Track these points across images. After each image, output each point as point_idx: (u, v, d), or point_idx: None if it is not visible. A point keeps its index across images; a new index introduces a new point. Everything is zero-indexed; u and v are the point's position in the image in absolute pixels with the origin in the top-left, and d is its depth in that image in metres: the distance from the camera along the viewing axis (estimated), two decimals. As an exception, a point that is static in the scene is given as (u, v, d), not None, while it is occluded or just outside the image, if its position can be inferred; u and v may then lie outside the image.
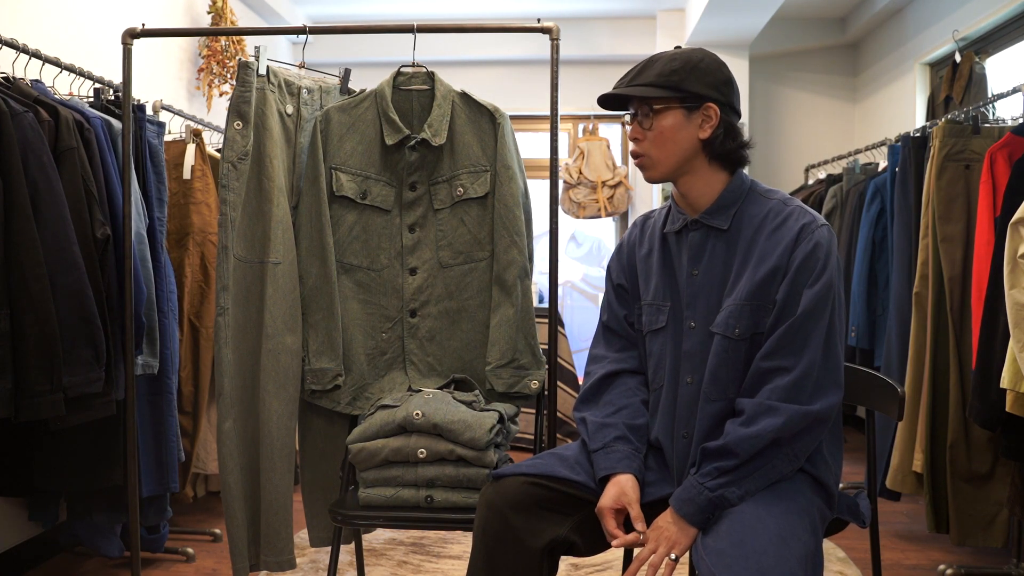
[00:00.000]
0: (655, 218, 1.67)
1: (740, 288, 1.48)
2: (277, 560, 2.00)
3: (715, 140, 1.51)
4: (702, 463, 1.42)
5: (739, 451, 1.38)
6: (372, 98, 2.06)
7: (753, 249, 1.49)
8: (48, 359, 1.89)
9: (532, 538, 1.43)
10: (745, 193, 1.54)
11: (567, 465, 1.51)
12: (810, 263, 1.43)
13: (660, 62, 1.51)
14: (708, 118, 1.50)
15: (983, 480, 2.53)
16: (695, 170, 1.53)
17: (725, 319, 1.48)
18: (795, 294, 1.43)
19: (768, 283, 1.45)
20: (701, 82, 1.49)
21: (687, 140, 1.51)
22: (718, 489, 1.38)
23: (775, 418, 1.38)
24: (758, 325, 1.46)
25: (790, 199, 1.53)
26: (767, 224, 1.49)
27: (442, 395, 1.87)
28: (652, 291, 1.60)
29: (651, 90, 1.49)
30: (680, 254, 1.57)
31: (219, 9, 3.74)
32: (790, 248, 1.45)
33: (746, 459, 1.38)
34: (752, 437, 1.38)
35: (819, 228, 1.46)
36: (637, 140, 1.55)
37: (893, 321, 2.94)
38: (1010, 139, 2.41)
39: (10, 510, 2.49)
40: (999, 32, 3.64)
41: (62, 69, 2.36)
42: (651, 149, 1.52)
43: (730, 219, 1.52)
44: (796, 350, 1.41)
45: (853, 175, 3.69)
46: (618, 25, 5.04)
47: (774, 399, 1.40)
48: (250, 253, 1.99)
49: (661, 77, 1.49)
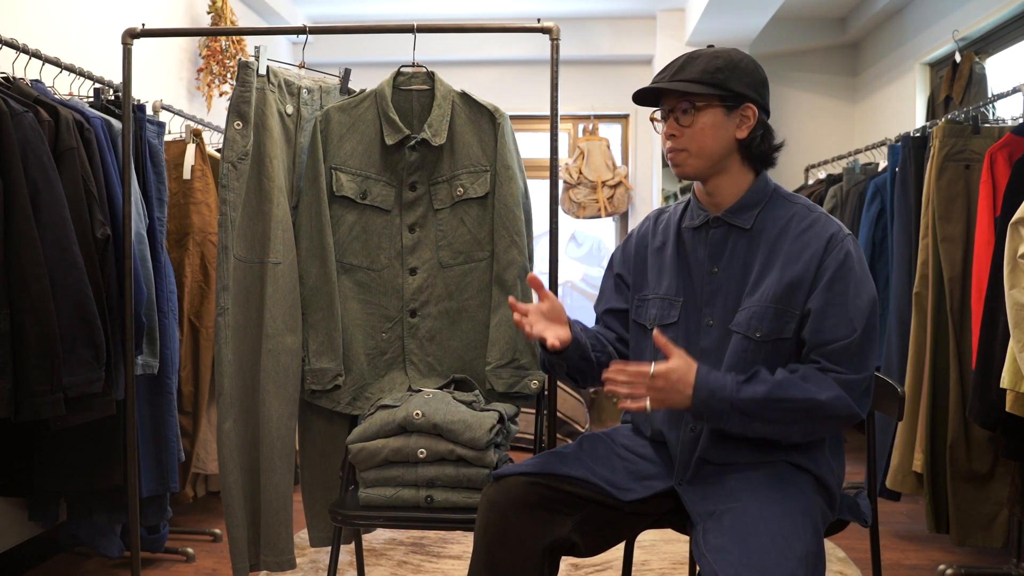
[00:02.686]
0: (670, 212, 1.68)
1: (765, 290, 1.48)
2: (277, 560, 2.00)
3: (752, 141, 1.52)
4: (751, 379, 1.41)
5: (786, 388, 1.39)
6: (372, 98, 2.06)
7: (777, 251, 1.50)
8: (48, 359, 1.89)
9: (533, 538, 1.43)
10: (769, 195, 1.56)
11: (567, 463, 1.51)
12: (850, 276, 1.45)
13: (703, 59, 1.51)
14: (746, 118, 1.52)
15: (983, 480, 2.53)
16: (727, 169, 1.54)
17: (747, 319, 1.49)
18: (839, 307, 1.44)
19: (795, 289, 1.46)
20: (742, 82, 1.50)
21: (725, 139, 1.52)
22: (739, 397, 1.39)
23: (830, 389, 1.40)
24: (782, 330, 1.47)
25: (814, 206, 1.55)
26: (791, 228, 1.50)
27: (442, 395, 1.87)
28: (665, 285, 1.60)
29: (695, 86, 1.49)
30: (697, 250, 1.57)
31: (219, 9, 3.74)
32: (819, 256, 1.46)
33: (782, 398, 1.40)
34: (801, 388, 1.39)
35: (846, 238, 1.48)
36: (674, 136, 1.53)
37: (893, 321, 2.94)
38: (1010, 139, 2.41)
39: (10, 510, 2.49)
40: (999, 32, 3.64)
41: (62, 69, 2.36)
42: (690, 145, 1.52)
43: (753, 219, 1.53)
44: (859, 367, 1.43)
45: (853, 175, 3.69)
46: (618, 25, 5.04)
47: (830, 379, 1.42)
48: (250, 253, 1.99)
49: (706, 74, 1.49)
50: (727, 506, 1.40)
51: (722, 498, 1.43)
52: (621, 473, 1.53)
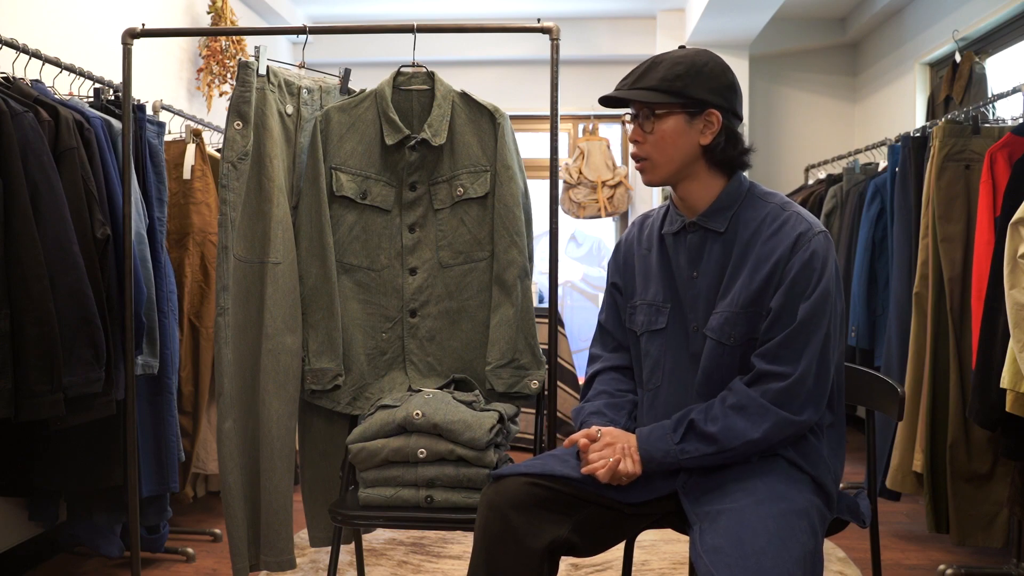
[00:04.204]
0: (653, 217, 1.67)
1: (735, 294, 1.48)
2: (277, 560, 2.00)
3: (716, 147, 1.50)
4: (686, 435, 1.45)
5: (722, 440, 1.43)
6: (372, 98, 2.06)
7: (749, 253, 1.49)
8: (48, 359, 1.89)
9: (533, 538, 1.43)
10: (743, 196, 1.54)
11: (568, 465, 1.51)
12: (806, 273, 1.44)
13: (664, 65, 1.50)
14: (710, 124, 1.50)
15: (983, 480, 2.53)
16: (695, 175, 1.53)
17: (720, 324, 1.49)
18: (792, 303, 1.44)
19: (763, 291, 1.46)
20: (704, 87, 1.48)
21: (688, 145, 1.50)
22: (684, 458, 1.44)
23: (763, 420, 1.42)
24: (753, 332, 1.48)
25: (788, 203, 1.53)
26: (764, 229, 1.49)
27: (442, 395, 1.87)
28: (652, 292, 1.61)
29: (653, 95, 1.48)
30: (678, 255, 1.57)
31: (219, 9, 3.74)
32: (786, 256, 1.45)
33: (724, 449, 1.43)
34: (737, 431, 1.42)
35: (816, 236, 1.46)
36: (638, 142, 1.54)
37: (893, 321, 2.94)
38: (1010, 139, 2.41)
39: (10, 510, 2.49)
40: (999, 32, 3.64)
41: (62, 69, 2.36)
42: (652, 152, 1.52)
43: (727, 221, 1.52)
44: (793, 359, 1.43)
45: (853, 175, 3.69)
46: (618, 25, 5.04)
47: (767, 399, 1.43)
48: (250, 253, 1.99)
49: (664, 82, 1.48)
50: (724, 506, 1.40)
51: (719, 498, 1.43)
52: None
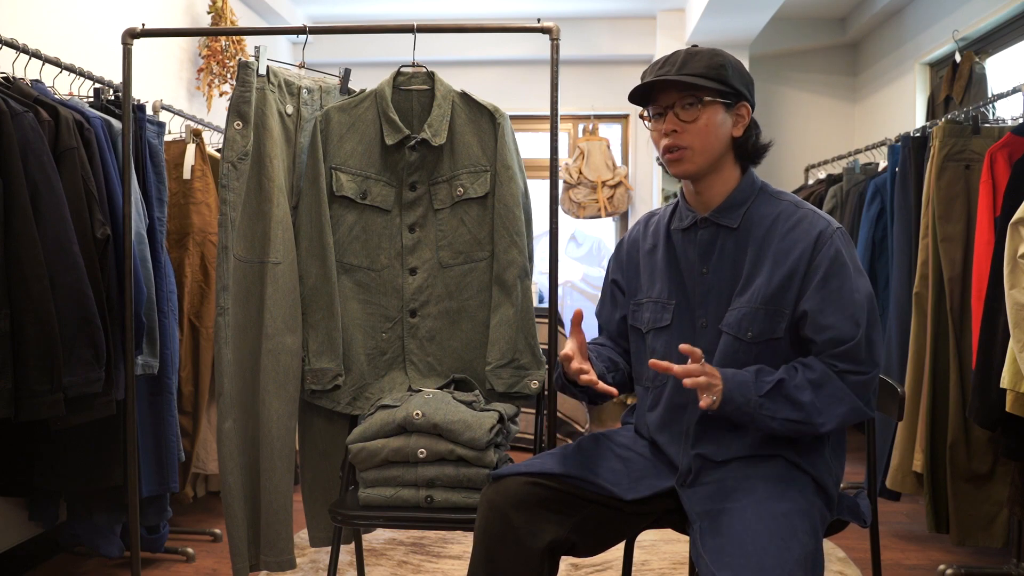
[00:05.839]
0: (659, 215, 1.67)
1: (755, 291, 1.48)
2: (277, 560, 2.00)
3: (746, 140, 1.53)
4: (771, 393, 1.41)
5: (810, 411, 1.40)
6: (372, 98, 2.06)
7: (766, 250, 1.49)
8: (48, 359, 1.89)
9: (533, 538, 1.43)
10: (756, 193, 1.55)
11: (566, 463, 1.51)
12: (839, 270, 1.44)
13: (704, 55, 1.50)
14: (741, 117, 1.52)
15: (983, 480, 2.53)
16: (720, 168, 1.54)
17: (737, 320, 1.49)
18: (834, 302, 1.43)
19: (785, 289, 1.46)
20: (739, 81, 1.51)
21: (725, 136, 1.52)
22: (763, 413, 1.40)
23: (842, 404, 1.42)
24: (773, 330, 1.47)
25: (802, 202, 1.54)
26: (779, 226, 1.50)
27: (442, 395, 1.87)
28: (657, 288, 1.61)
29: (704, 80, 1.48)
30: (687, 252, 1.57)
31: (219, 9, 3.74)
32: (808, 255, 1.45)
33: (806, 421, 1.41)
34: (820, 407, 1.40)
35: (835, 234, 1.47)
36: (675, 132, 1.51)
37: (893, 321, 2.94)
38: (1010, 139, 2.41)
39: (10, 510, 2.49)
40: (999, 32, 3.64)
41: (62, 69, 2.36)
42: (694, 141, 1.50)
43: (740, 218, 1.53)
44: (870, 362, 1.44)
45: (853, 175, 3.69)
46: (618, 25, 5.04)
47: (843, 386, 1.43)
48: (250, 253, 1.99)
49: (711, 70, 1.48)
50: (724, 506, 1.40)
51: (720, 498, 1.43)
52: (621, 473, 1.53)
